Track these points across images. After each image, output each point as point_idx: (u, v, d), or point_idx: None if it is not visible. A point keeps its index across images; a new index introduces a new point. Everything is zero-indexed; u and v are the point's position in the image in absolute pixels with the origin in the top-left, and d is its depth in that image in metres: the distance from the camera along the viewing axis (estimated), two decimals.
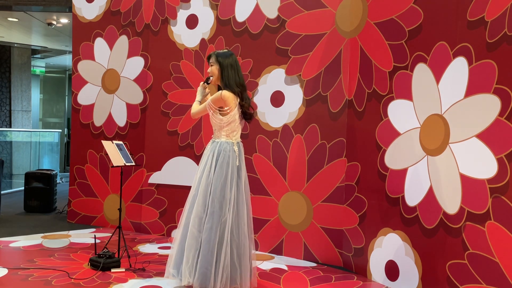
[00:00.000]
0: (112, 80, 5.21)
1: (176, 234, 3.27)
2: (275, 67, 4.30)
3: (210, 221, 3.05)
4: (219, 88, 3.28)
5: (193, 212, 3.12)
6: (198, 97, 3.34)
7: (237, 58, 4.42)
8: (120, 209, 3.82)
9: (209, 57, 3.28)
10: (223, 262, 3.02)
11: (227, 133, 3.18)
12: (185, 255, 3.08)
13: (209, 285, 3.00)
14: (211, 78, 3.26)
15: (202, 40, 4.70)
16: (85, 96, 5.37)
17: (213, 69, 3.23)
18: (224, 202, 3.08)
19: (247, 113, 3.24)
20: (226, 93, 3.11)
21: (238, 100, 3.18)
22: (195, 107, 3.30)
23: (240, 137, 3.27)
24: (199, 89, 3.36)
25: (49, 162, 9.96)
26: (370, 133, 3.66)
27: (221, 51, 3.29)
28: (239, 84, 3.18)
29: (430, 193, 3.05)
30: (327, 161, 4.05)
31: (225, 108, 3.11)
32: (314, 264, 4.03)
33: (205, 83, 3.32)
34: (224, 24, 4.59)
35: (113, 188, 5.20)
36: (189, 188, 3.35)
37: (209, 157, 3.17)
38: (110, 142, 3.81)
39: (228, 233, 3.05)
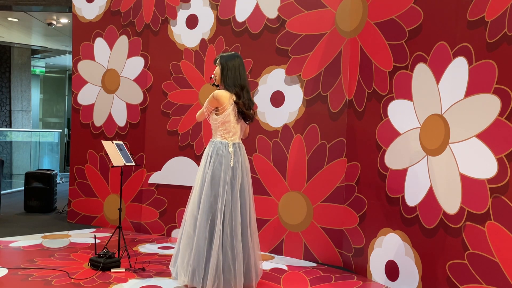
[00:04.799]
0: (112, 80, 5.21)
1: (178, 234, 3.31)
2: (275, 67, 4.29)
3: (200, 220, 3.07)
4: None
5: (188, 212, 3.16)
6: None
7: None
8: (120, 209, 3.82)
9: (215, 60, 3.33)
10: (214, 262, 2.99)
11: (221, 134, 3.20)
12: (180, 254, 3.11)
13: (199, 285, 3.01)
14: (212, 77, 3.30)
15: (202, 40, 4.70)
16: (85, 96, 5.38)
17: (216, 69, 3.28)
18: (214, 201, 3.08)
19: (244, 112, 3.19)
20: (219, 92, 3.14)
21: (234, 98, 3.16)
22: (198, 111, 3.35)
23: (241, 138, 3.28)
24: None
25: (49, 162, 9.95)
26: (370, 133, 3.66)
27: (226, 53, 3.32)
28: (237, 84, 3.19)
29: (430, 193, 3.05)
30: (327, 161, 4.05)
31: (221, 107, 3.13)
32: (314, 264, 4.03)
33: (213, 85, 3.32)
34: (224, 24, 4.59)
35: (113, 188, 5.20)
36: (189, 188, 3.36)
37: (205, 157, 3.22)
38: (110, 142, 3.81)
39: (220, 234, 3.03)
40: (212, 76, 3.30)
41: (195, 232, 3.07)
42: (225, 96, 3.13)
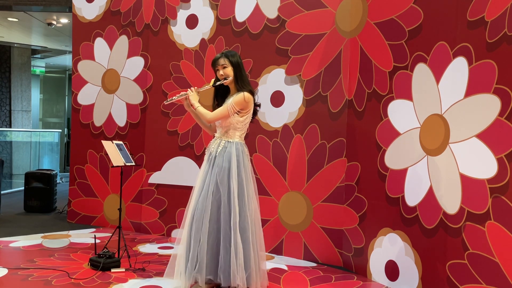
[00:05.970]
0: (112, 80, 5.21)
1: (192, 235, 3.08)
2: (275, 67, 4.29)
3: (251, 225, 3.08)
4: (219, 90, 3.29)
5: (232, 216, 3.04)
6: (196, 102, 3.19)
7: None
8: (120, 209, 3.82)
9: (216, 59, 3.19)
10: (256, 262, 3.08)
11: (240, 134, 3.19)
12: (240, 259, 3.01)
13: (252, 285, 3.05)
14: (228, 79, 3.15)
15: (202, 40, 4.70)
16: (85, 96, 5.38)
17: (228, 71, 3.15)
18: (250, 202, 3.12)
19: (256, 112, 3.29)
20: (248, 95, 3.11)
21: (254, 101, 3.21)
22: (207, 112, 3.16)
23: None
24: (193, 94, 3.21)
25: (49, 162, 9.95)
26: (370, 133, 3.66)
27: (227, 51, 3.25)
28: (249, 83, 3.24)
29: (430, 193, 3.05)
30: (327, 161, 4.05)
31: (246, 110, 3.13)
32: (314, 264, 4.03)
33: (213, 86, 3.22)
34: (224, 24, 4.59)
35: (113, 188, 5.20)
36: (189, 188, 3.33)
37: (231, 158, 3.10)
38: (110, 142, 3.81)
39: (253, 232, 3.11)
40: (227, 78, 3.15)
41: (246, 236, 3.05)
42: (252, 99, 3.16)
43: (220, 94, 3.30)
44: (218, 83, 3.21)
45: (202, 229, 3.05)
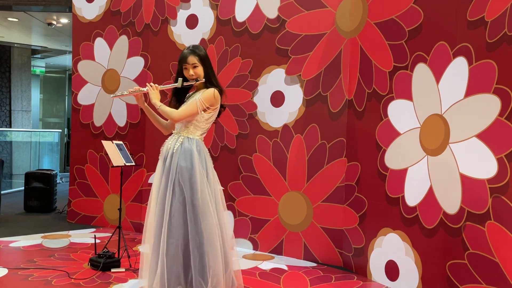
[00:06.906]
0: (112, 80, 5.21)
1: (153, 242, 2.86)
2: (275, 67, 4.29)
3: (213, 225, 2.88)
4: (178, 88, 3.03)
5: (209, 215, 2.86)
6: (158, 101, 2.87)
7: (237, 58, 4.47)
8: (120, 209, 3.82)
9: (186, 57, 2.90)
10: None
11: (202, 132, 2.96)
12: (201, 263, 2.84)
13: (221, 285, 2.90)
14: (200, 80, 2.92)
15: (202, 40, 4.70)
16: (85, 96, 5.38)
17: (199, 71, 2.90)
18: (217, 203, 2.96)
19: (220, 113, 3.06)
20: (217, 92, 2.90)
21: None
22: (172, 110, 2.89)
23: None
24: (154, 92, 2.89)
25: (49, 162, 9.95)
26: (370, 133, 3.66)
27: (194, 46, 2.96)
28: (219, 83, 3.02)
29: (430, 193, 3.05)
30: (327, 161, 4.05)
31: (214, 107, 2.91)
32: (314, 264, 4.03)
33: (182, 87, 2.94)
34: (224, 24, 4.58)
35: (113, 188, 5.20)
36: None
37: (193, 156, 2.87)
38: (110, 142, 3.81)
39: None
40: (199, 80, 2.89)
41: (213, 239, 2.86)
42: (220, 97, 2.94)
43: (179, 91, 3.03)
44: (187, 83, 2.92)
45: (166, 235, 2.81)
